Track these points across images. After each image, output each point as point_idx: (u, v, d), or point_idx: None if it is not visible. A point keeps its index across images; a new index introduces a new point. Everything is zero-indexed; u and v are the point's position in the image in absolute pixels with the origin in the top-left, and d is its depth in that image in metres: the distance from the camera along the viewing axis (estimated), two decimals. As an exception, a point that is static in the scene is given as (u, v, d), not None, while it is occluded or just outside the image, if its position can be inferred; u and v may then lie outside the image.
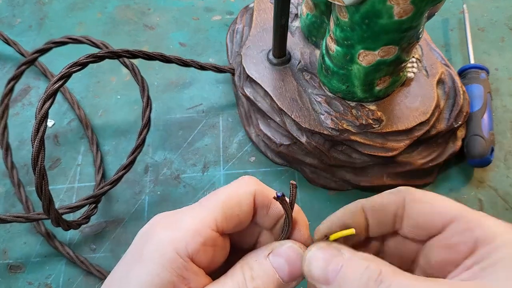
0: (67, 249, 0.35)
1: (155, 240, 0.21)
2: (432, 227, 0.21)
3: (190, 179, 0.40)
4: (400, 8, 0.27)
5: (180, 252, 0.20)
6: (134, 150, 0.37)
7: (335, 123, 0.35)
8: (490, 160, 0.37)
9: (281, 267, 0.22)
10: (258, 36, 0.41)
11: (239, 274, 0.22)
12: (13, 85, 0.41)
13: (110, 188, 0.36)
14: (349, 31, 0.31)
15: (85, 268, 0.35)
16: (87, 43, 0.38)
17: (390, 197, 0.23)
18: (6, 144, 0.40)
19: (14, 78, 0.40)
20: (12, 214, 0.33)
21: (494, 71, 0.46)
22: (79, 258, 0.35)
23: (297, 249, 0.23)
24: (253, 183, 0.24)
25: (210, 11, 0.52)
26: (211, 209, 0.22)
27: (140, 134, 0.37)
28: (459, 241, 0.20)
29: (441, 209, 0.21)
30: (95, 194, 0.35)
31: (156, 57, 0.37)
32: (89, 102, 0.45)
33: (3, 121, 0.40)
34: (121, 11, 0.52)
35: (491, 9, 0.51)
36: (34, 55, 0.40)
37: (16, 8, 0.53)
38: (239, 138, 0.42)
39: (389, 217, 0.23)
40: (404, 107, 0.36)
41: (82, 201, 0.35)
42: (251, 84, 0.39)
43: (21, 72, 0.40)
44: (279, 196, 0.21)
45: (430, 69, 0.38)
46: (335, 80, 0.35)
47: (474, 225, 0.20)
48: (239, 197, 0.23)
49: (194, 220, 0.21)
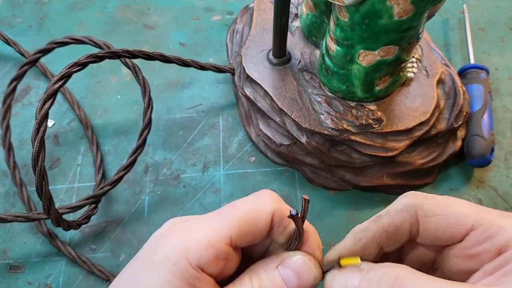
0: (69, 249, 0.35)
1: (168, 247, 0.21)
2: (450, 239, 0.21)
3: (190, 179, 0.40)
4: (400, 8, 0.27)
5: (192, 262, 0.20)
6: (135, 151, 0.37)
7: (335, 123, 0.35)
8: (490, 160, 0.37)
9: (290, 279, 0.22)
10: (258, 36, 0.41)
11: (247, 283, 0.22)
12: (16, 85, 0.41)
13: (111, 188, 0.36)
14: (349, 31, 0.31)
15: (87, 268, 0.35)
16: (89, 43, 0.38)
17: (400, 215, 0.22)
18: (8, 144, 0.40)
19: (16, 79, 0.41)
20: (12, 214, 0.33)
21: (494, 71, 0.46)
22: (80, 258, 0.35)
23: (307, 262, 0.22)
24: (273, 202, 0.23)
25: (210, 11, 0.52)
26: (228, 223, 0.22)
27: (141, 135, 0.37)
28: (482, 250, 0.20)
29: (456, 219, 0.21)
30: (95, 194, 0.35)
31: (156, 57, 0.37)
32: (89, 102, 0.45)
33: (6, 122, 0.40)
34: (121, 11, 0.52)
35: (491, 9, 0.51)
36: (36, 56, 0.40)
37: (16, 8, 0.53)
38: (239, 138, 0.42)
39: (404, 236, 0.22)
40: (404, 107, 0.36)
41: (82, 201, 0.35)
42: (251, 84, 0.39)
43: (23, 72, 0.41)
44: (292, 215, 0.21)
45: (430, 69, 0.38)
46: (335, 80, 0.35)
47: (494, 231, 0.19)
48: (257, 215, 0.22)
49: (209, 232, 0.21)
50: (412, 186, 0.38)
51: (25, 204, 0.37)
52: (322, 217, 0.37)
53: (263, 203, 0.23)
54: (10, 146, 0.40)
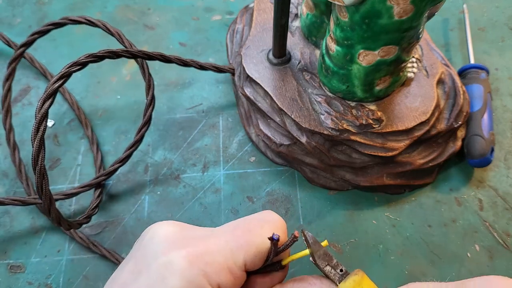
0: (80, 234, 0.36)
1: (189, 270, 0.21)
2: None
3: (190, 179, 0.40)
4: (400, 8, 0.27)
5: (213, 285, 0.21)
6: (131, 145, 0.38)
7: (335, 123, 0.35)
8: (490, 160, 0.37)
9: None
10: (258, 36, 0.41)
11: None
12: (10, 84, 0.41)
13: (105, 179, 0.37)
14: (349, 31, 0.31)
15: (99, 252, 0.35)
16: (102, 28, 0.37)
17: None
18: (13, 144, 0.40)
19: (8, 78, 0.41)
20: (9, 197, 0.35)
21: (494, 71, 0.46)
22: (92, 242, 0.36)
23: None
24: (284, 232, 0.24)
25: (210, 11, 0.52)
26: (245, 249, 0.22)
27: (140, 131, 0.38)
28: None
29: None
30: (90, 183, 0.37)
31: (156, 57, 0.37)
32: (89, 102, 0.45)
33: (8, 122, 0.40)
34: (121, 11, 0.52)
35: (491, 9, 0.51)
36: (20, 50, 0.40)
37: (16, 8, 0.53)
38: (239, 138, 0.42)
39: None
40: (404, 107, 0.36)
41: (77, 189, 0.36)
42: (251, 84, 0.39)
43: (12, 70, 0.41)
44: (274, 239, 0.22)
45: (430, 69, 0.38)
46: (335, 80, 0.35)
47: None
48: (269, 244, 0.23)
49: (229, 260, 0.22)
50: (412, 186, 0.38)
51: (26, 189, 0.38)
52: (322, 217, 0.37)
53: (274, 230, 0.23)
54: (15, 146, 0.40)
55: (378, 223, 0.37)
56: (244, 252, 0.22)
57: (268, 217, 0.24)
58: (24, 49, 0.40)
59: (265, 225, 0.23)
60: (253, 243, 0.22)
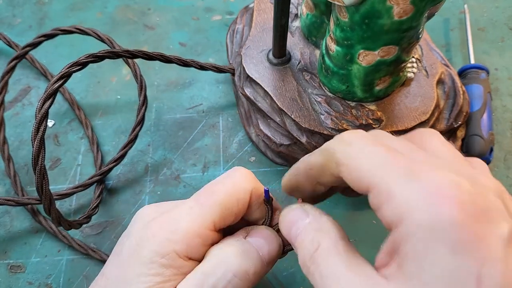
0: (77, 241, 0.36)
1: (154, 241, 0.22)
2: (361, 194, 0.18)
3: (190, 179, 0.40)
4: (400, 8, 0.27)
5: (181, 254, 0.22)
6: (125, 145, 0.38)
7: (335, 123, 0.35)
8: (489, 160, 0.37)
9: (260, 244, 0.23)
10: (258, 36, 0.41)
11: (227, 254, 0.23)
12: (7, 80, 0.41)
13: (100, 178, 0.37)
14: (349, 31, 0.31)
15: (98, 258, 0.35)
16: (93, 35, 0.38)
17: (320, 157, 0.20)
18: (3, 139, 0.40)
19: (6, 73, 0.41)
20: (2, 198, 0.34)
21: (494, 71, 0.46)
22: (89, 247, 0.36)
23: (272, 231, 0.24)
24: (250, 181, 0.24)
25: (210, 11, 0.52)
26: (210, 210, 0.23)
27: (133, 130, 0.38)
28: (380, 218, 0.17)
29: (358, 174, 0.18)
30: (84, 184, 0.37)
31: (156, 57, 0.37)
32: (89, 102, 0.45)
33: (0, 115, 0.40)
34: (121, 11, 0.52)
35: (491, 9, 0.51)
36: (25, 49, 0.40)
37: (16, 8, 0.53)
38: (239, 138, 0.42)
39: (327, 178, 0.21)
40: (404, 107, 0.36)
41: (72, 189, 0.36)
42: (251, 84, 0.39)
43: (12, 67, 0.41)
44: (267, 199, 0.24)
45: (430, 69, 0.38)
46: (335, 80, 0.35)
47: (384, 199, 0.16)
48: (237, 196, 0.23)
49: (194, 222, 0.22)
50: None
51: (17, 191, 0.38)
52: (322, 217, 0.37)
53: (240, 184, 0.24)
54: (5, 141, 0.40)
55: (378, 223, 0.37)
56: (209, 213, 0.22)
57: (230, 172, 0.24)
58: (29, 49, 0.40)
59: (225, 181, 0.24)
60: (215, 202, 0.23)
